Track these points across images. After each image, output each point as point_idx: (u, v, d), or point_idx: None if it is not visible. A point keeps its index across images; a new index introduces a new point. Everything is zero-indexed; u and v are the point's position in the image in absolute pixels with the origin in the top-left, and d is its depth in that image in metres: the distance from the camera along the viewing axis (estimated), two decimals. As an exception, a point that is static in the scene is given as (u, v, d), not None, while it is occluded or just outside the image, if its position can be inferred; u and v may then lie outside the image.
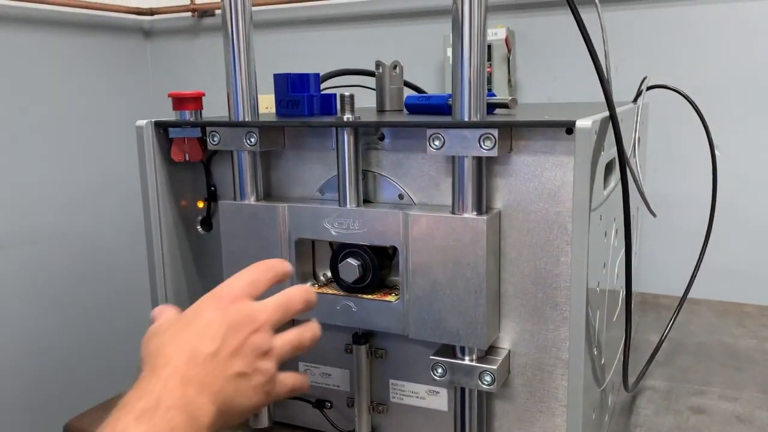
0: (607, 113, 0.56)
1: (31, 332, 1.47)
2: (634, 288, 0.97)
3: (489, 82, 1.29)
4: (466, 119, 0.56)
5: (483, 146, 0.55)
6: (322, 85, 0.90)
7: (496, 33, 1.27)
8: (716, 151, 1.20)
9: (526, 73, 1.33)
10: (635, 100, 0.87)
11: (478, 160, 0.56)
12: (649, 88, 0.88)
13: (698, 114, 0.88)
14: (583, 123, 0.51)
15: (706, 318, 1.04)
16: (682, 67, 1.15)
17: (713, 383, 0.81)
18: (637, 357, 0.87)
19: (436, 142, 0.56)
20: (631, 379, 0.78)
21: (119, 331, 1.62)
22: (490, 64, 1.29)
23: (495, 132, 0.54)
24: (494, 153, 0.54)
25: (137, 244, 0.70)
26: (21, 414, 1.45)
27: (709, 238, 0.90)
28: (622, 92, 0.92)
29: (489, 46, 1.27)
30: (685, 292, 0.89)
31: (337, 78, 0.98)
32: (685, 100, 0.90)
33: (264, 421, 0.71)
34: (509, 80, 1.29)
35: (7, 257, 1.43)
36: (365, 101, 0.88)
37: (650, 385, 0.81)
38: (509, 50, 1.28)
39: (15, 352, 1.44)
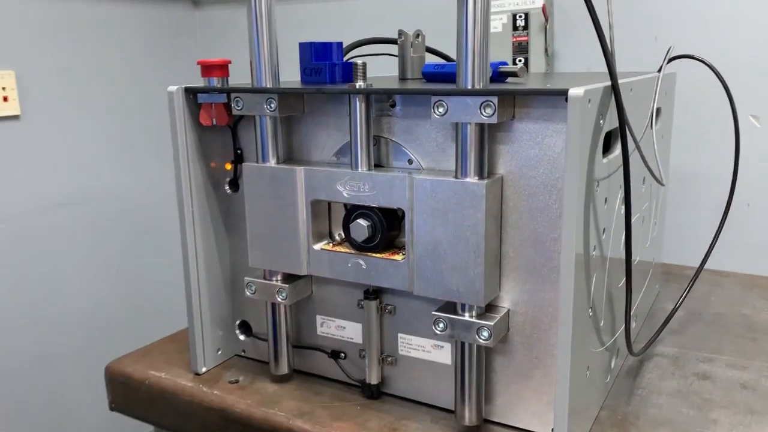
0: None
1: (85, 282, 1.58)
2: (656, 259, 0.98)
3: (526, 51, 1.30)
4: (469, 87, 0.58)
5: (483, 113, 0.57)
6: (351, 54, 0.93)
7: (534, 1, 1.27)
8: (756, 123, 1.18)
9: (564, 42, 1.33)
10: (659, 69, 0.87)
11: (480, 126, 0.59)
12: (673, 59, 0.88)
13: (723, 85, 0.87)
14: (575, 91, 0.52)
15: (729, 290, 1.04)
16: (724, 38, 1.14)
17: (724, 352, 0.82)
18: (652, 324, 0.88)
19: (440, 109, 0.59)
20: (640, 345, 0.80)
21: (160, 283, 1.73)
22: (527, 33, 1.29)
23: (495, 100, 0.56)
24: (494, 120, 0.57)
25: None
26: (70, 355, 1.57)
27: (729, 210, 0.90)
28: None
29: (526, 15, 1.27)
30: (702, 263, 0.89)
31: (367, 47, 1.01)
32: (726, 71, 0.89)
33: (284, 369, 0.76)
34: (546, 49, 1.29)
35: (67, 214, 1.53)
36: (394, 70, 0.90)
37: (660, 351, 0.83)
38: (546, 19, 1.27)
39: (68, 300, 1.55)
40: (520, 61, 1.29)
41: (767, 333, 0.87)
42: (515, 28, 1.28)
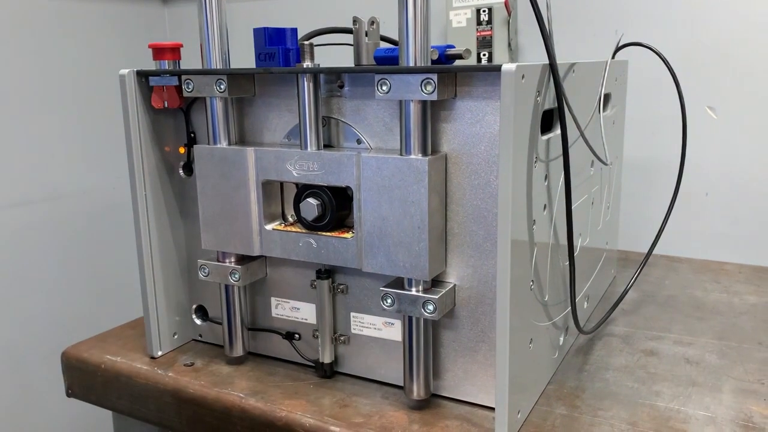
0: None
1: (48, 278, 1.57)
2: (610, 244, 1.00)
3: (490, 45, 1.32)
4: (411, 65, 0.59)
5: (424, 90, 0.58)
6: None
7: (497, -4, 1.29)
8: (713, 114, 1.21)
9: (528, 37, 1.35)
10: (613, 57, 0.90)
11: (423, 104, 0.60)
12: (623, 46, 0.90)
13: (670, 70, 0.90)
14: (507, 67, 0.54)
15: (683, 274, 1.06)
16: (682, 31, 1.16)
17: (672, 330, 0.84)
18: (606, 307, 0.90)
19: (384, 87, 0.60)
20: (591, 324, 0.82)
21: (123, 278, 1.72)
22: (491, 28, 1.31)
23: (434, 77, 0.58)
24: (434, 97, 0.58)
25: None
26: (33, 350, 1.57)
27: (676, 197, 0.92)
28: (621, 54, 0.93)
29: (490, 9, 1.30)
30: (651, 247, 0.91)
31: (326, 37, 1.02)
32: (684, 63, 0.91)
33: (239, 351, 0.77)
34: (509, 44, 1.31)
35: (31, 212, 1.52)
36: (352, 61, 0.91)
37: (611, 330, 0.85)
38: (509, 13, 1.29)
39: (30, 295, 1.55)
40: (484, 56, 1.31)
41: (715, 312, 0.90)
42: (479, 22, 1.31)
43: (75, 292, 1.64)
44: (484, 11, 1.30)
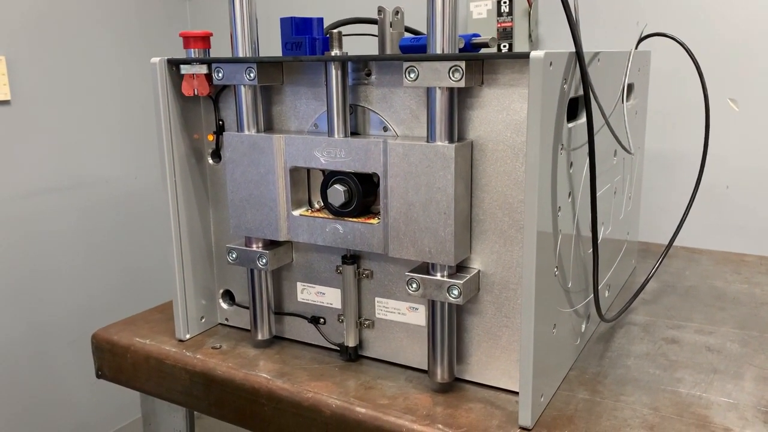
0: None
1: (74, 264, 1.60)
2: (631, 234, 1.00)
3: (510, 36, 1.32)
4: (438, 53, 0.60)
5: (452, 78, 0.59)
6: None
7: (518, -13, 1.29)
8: (734, 106, 1.21)
9: (548, 28, 1.35)
10: (636, 47, 0.90)
11: (450, 92, 0.61)
12: (646, 37, 0.90)
13: (693, 60, 0.90)
14: (536, 54, 0.55)
15: (704, 265, 1.06)
16: (705, 23, 1.16)
17: (693, 320, 0.85)
18: (627, 296, 0.91)
19: (412, 75, 0.61)
20: (612, 313, 0.83)
21: (150, 264, 1.76)
22: (512, 19, 1.31)
23: (462, 64, 0.59)
24: (462, 84, 0.59)
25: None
26: (60, 335, 1.59)
27: (698, 189, 0.92)
28: (642, 46, 0.94)
29: (510, 1, 1.30)
30: (672, 238, 0.92)
31: (350, 28, 1.03)
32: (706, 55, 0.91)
33: (265, 335, 0.78)
34: (530, 34, 1.32)
35: (56, 199, 1.55)
36: (376, 50, 0.92)
37: (632, 319, 0.85)
38: (530, 4, 1.30)
39: (57, 280, 1.57)
40: (504, 47, 1.31)
41: (736, 303, 0.90)
42: (500, 14, 1.31)
43: (97, 277, 1.67)
44: (504, 2, 1.30)
